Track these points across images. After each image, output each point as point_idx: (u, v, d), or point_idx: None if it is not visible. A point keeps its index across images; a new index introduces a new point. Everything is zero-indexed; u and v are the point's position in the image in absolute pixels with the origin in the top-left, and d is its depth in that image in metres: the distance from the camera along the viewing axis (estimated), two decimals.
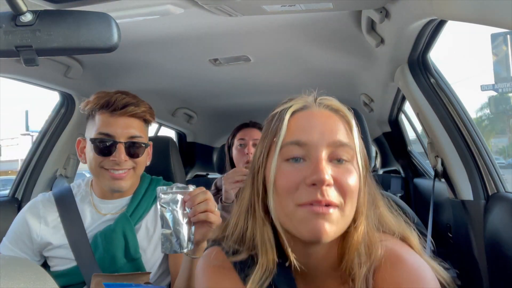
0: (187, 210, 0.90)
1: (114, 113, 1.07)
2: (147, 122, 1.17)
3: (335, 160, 0.61)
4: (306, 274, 0.65)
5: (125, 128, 1.08)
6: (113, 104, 1.07)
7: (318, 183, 0.57)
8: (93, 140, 1.08)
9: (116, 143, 1.07)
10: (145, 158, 1.17)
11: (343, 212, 0.60)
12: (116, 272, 1.05)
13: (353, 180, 0.60)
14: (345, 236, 0.62)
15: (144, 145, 1.13)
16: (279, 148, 0.62)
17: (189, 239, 0.90)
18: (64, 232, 1.08)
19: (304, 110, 0.65)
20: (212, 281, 0.67)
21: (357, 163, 0.63)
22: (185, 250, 0.89)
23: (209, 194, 0.92)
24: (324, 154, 0.60)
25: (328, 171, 0.58)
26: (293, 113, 0.65)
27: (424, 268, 0.60)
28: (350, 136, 0.64)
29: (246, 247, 0.67)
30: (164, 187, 0.91)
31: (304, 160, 0.61)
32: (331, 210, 0.58)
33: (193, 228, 0.91)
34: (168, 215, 0.89)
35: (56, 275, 1.05)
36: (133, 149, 1.10)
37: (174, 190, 0.91)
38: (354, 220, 0.62)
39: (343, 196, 0.59)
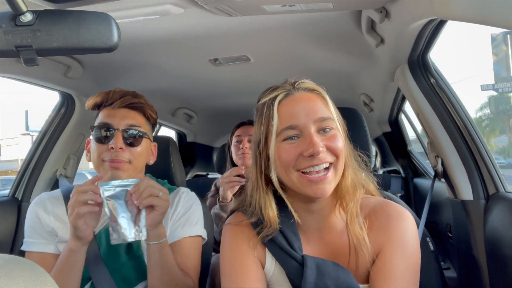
0: (135, 202, 0.95)
1: (114, 105, 1.13)
2: (148, 118, 1.19)
3: (321, 130, 0.77)
4: (307, 227, 0.84)
5: (123, 118, 1.12)
6: (112, 97, 1.13)
7: (314, 154, 0.74)
8: (92, 128, 1.12)
9: (114, 130, 1.09)
10: (144, 152, 1.15)
11: (336, 169, 0.78)
12: (119, 269, 1.06)
13: (339, 142, 0.78)
14: (337, 186, 0.80)
15: (142, 134, 1.13)
16: (275, 134, 0.78)
17: (139, 228, 0.96)
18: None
19: (288, 97, 0.80)
20: (234, 235, 0.87)
21: (338, 129, 0.80)
22: (134, 239, 0.94)
23: (152, 181, 0.97)
24: (313, 129, 0.76)
25: (320, 143, 0.75)
26: (280, 101, 0.79)
27: (401, 208, 0.84)
28: (328, 109, 0.80)
29: (256, 213, 0.83)
30: (105, 183, 0.97)
31: (298, 137, 0.77)
32: (328, 174, 0.76)
33: (142, 216, 0.96)
34: (111, 207, 0.94)
35: None
36: (130, 137, 1.11)
37: (117, 184, 0.97)
38: (343, 173, 0.80)
39: (335, 155, 0.77)
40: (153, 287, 1.01)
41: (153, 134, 1.26)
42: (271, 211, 0.81)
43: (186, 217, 1.17)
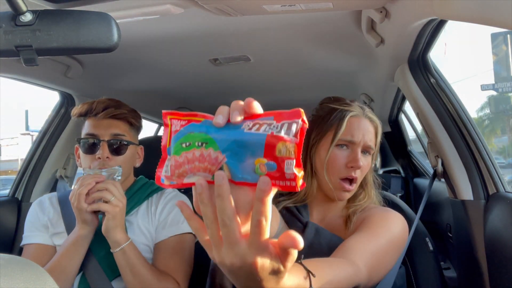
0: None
1: (98, 116, 1.18)
2: (132, 125, 1.25)
3: (364, 152, 0.99)
4: (320, 219, 1.04)
5: (107, 128, 1.18)
6: (95, 109, 1.18)
7: (355, 167, 0.95)
8: (79, 140, 1.20)
9: (100, 141, 1.16)
10: (129, 158, 1.22)
11: (357, 184, 0.99)
12: (106, 256, 1.11)
13: (368, 166, 1.00)
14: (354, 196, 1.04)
15: (126, 143, 1.20)
16: (336, 139, 0.96)
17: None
18: (63, 223, 1.18)
19: (357, 116, 0.99)
20: None
21: (372, 156, 1.02)
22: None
23: (108, 184, 1.03)
24: (359, 149, 0.97)
25: (362, 160, 0.96)
26: (351, 116, 0.98)
27: (390, 211, 1.00)
28: (375, 141, 1.01)
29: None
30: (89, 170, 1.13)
31: (347, 148, 0.97)
32: (354, 186, 0.98)
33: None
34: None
35: None
36: (116, 146, 1.18)
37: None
38: (363, 187, 1.04)
39: (362, 174, 0.99)
40: None
41: (153, 134, 1.28)
42: (313, 181, 1.01)
43: (172, 216, 1.19)
